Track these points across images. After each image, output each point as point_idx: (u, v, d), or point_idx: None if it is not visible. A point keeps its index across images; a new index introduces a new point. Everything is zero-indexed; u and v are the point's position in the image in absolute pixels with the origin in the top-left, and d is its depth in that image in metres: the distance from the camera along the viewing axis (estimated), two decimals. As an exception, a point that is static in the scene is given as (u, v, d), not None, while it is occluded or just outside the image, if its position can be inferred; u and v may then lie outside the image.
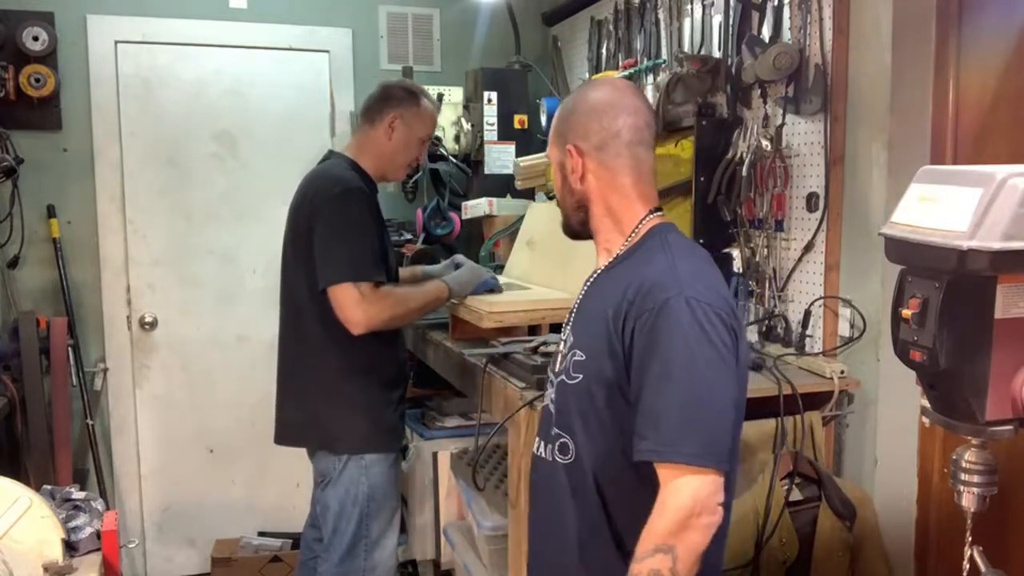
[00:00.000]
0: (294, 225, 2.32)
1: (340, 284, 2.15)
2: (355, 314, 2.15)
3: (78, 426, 3.33)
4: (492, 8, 3.69)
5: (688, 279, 1.28)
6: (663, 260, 1.32)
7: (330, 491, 2.32)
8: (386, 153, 2.37)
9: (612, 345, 1.30)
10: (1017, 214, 1.00)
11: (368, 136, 2.38)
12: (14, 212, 3.22)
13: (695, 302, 1.24)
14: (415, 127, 2.38)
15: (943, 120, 1.92)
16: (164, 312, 3.53)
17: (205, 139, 3.52)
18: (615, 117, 1.40)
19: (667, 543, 1.18)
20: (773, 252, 2.27)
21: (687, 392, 1.21)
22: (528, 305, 2.33)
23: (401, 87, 2.43)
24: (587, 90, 1.48)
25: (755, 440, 1.95)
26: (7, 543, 1.80)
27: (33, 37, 3.19)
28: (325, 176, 2.29)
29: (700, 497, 1.19)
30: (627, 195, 1.42)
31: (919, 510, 2.00)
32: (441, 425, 2.98)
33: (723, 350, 1.24)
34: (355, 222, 2.19)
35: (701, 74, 2.38)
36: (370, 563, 2.32)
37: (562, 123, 1.46)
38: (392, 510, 2.38)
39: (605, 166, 1.41)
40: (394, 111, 2.35)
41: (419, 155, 2.47)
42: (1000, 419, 1.10)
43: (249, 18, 3.51)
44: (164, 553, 3.60)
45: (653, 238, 1.39)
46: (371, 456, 2.31)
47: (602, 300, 1.36)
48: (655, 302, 1.25)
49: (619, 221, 1.42)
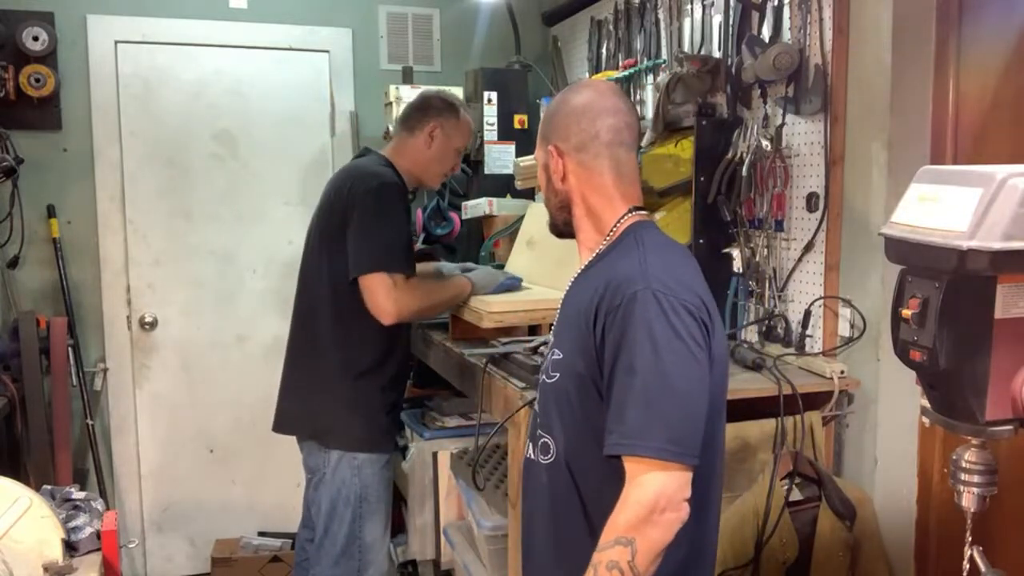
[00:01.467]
0: (326, 215, 2.33)
1: (374, 273, 2.17)
2: (387, 303, 2.18)
3: (78, 426, 3.34)
4: (492, 8, 3.69)
5: (656, 273, 1.29)
6: (634, 256, 1.34)
7: (322, 490, 2.33)
8: (423, 160, 2.41)
9: (585, 342, 1.31)
10: (1017, 214, 1.00)
11: (407, 143, 2.42)
12: (14, 212, 3.22)
13: (662, 295, 1.25)
14: (454, 138, 2.43)
15: (943, 120, 1.92)
16: (164, 312, 3.53)
17: (205, 139, 3.52)
18: (594, 119, 1.43)
19: (627, 536, 1.18)
20: (773, 252, 2.27)
21: (652, 385, 1.21)
22: (528, 305, 2.33)
23: (440, 98, 2.46)
24: (569, 93, 1.50)
25: (755, 440, 1.95)
26: (7, 543, 1.80)
27: (33, 37, 3.19)
28: (364, 170, 2.32)
29: (664, 493, 1.19)
30: (607, 194, 1.43)
31: (919, 510, 2.00)
32: (441, 425, 2.97)
33: (691, 343, 1.24)
34: (392, 215, 2.22)
35: (701, 74, 2.38)
36: (364, 565, 2.32)
37: (545, 125, 1.50)
38: (385, 513, 2.38)
39: (585, 166, 1.44)
40: (435, 121, 2.39)
41: (456, 164, 2.51)
42: (1000, 419, 1.10)
43: (249, 18, 3.51)
44: (164, 553, 3.60)
45: (628, 236, 1.40)
46: (363, 456, 2.31)
47: (578, 299, 1.38)
48: (623, 296, 1.27)
49: (599, 220, 1.44)
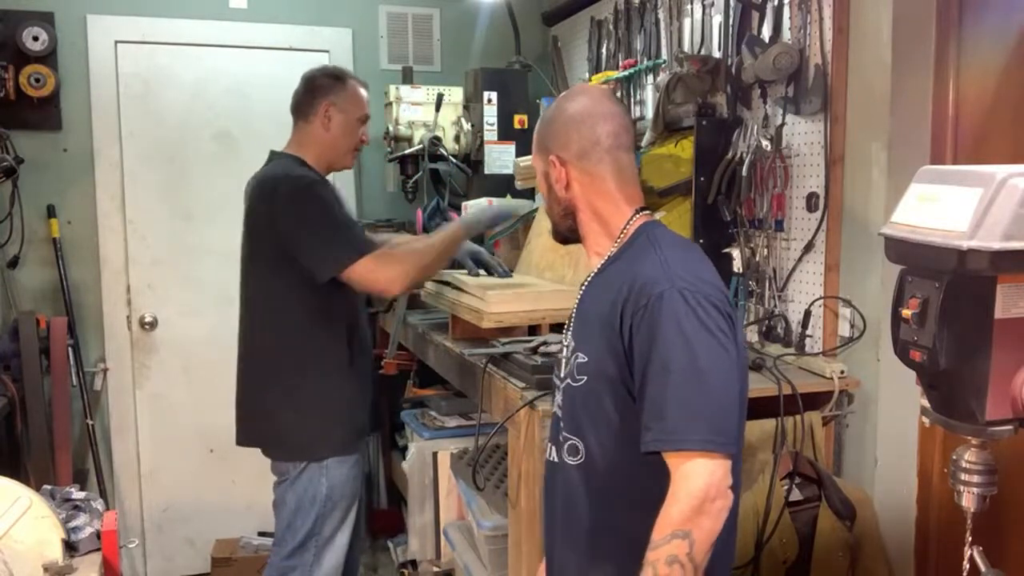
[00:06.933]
0: (252, 227, 2.30)
1: (353, 264, 2.14)
2: (389, 275, 2.16)
3: (78, 426, 3.34)
4: (492, 8, 3.69)
5: (679, 271, 1.30)
6: (653, 256, 1.35)
7: (289, 490, 2.30)
8: (327, 143, 2.35)
9: (612, 344, 1.32)
10: (1017, 214, 1.00)
11: (307, 132, 2.35)
12: (14, 212, 3.22)
13: (688, 292, 1.26)
14: (350, 110, 2.35)
15: (943, 120, 1.92)
16: (164, 312, 3.53)
17: (205, 139, 3.52)
18: (593, 125, 1.43)
19: (683, 528, 1.20)
20: (773, 252, 2.27)
21: (689, 380, 1.23)
22: (528, 305, 2.33)
23: (324, 74, 2.39)
24: (563, 101, 1.50)
25: (755, 440, 1.95)
26: (7, 543, 1.80)
27: (33, 37, 3.19)
28: (281, 178, 2.25)
29: (712, 481, 1.21)
30: (612, 198, 1.44)
31: (919, 510, 2.00)
32: (441, 425, 2.98)
33: (720, 336, 1.26)
34: (332, 210, 2.19)
35: (701, 74, 2.38)
36: (318, 560, 2.31)
37: (542, 135, 1.50)
38: (346, 509, 2.34)
39: (588, 173, 1.44)
40: (324, 100, 2.32)
41: (363, 136, 2.42)
42: (1000, 419, 1.10)
43: (249, 18, 3.51)
44: (164, 553, 3.60)
45: (641, 236, 1.41)
46: (331, 459, 2.28)
47: (598, 302, 1.39)
48: (649, 297, 1.28)
49: (607, 224, 1.45)
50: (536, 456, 1.88)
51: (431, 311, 2.86)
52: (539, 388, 1.94)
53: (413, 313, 2.96)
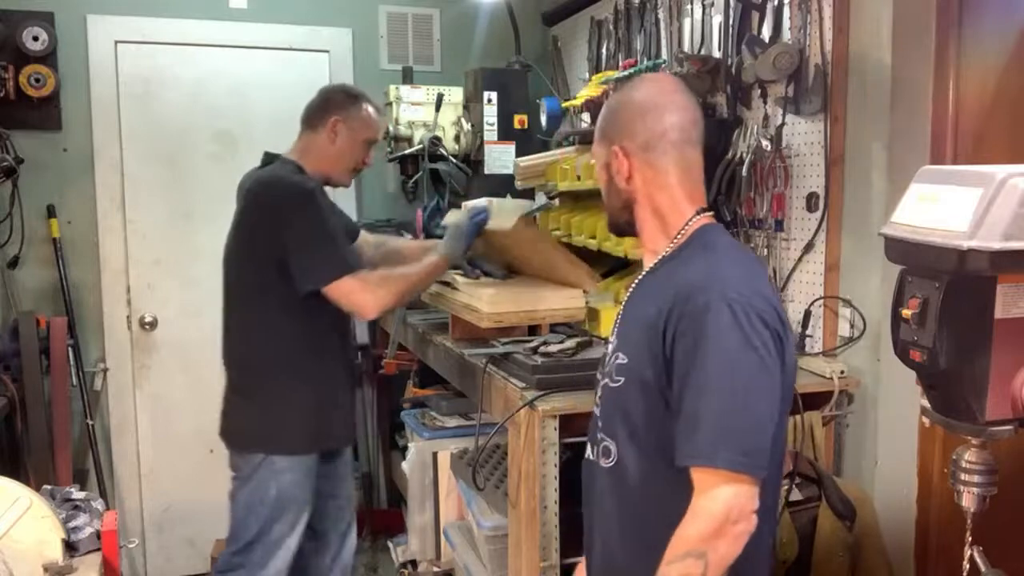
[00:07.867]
0: (242, 224, 2.32)
1: (341, 279, 2.17)
2: (366, 299, 2.18)
3: (78, 426, 3.33)
4: (492, 8, 3.69)
5: (730, 280, 1.25)
6: (705, 262, 1.30)
7: (241, 488, 2.34)
8: (330, 157, 2.37)
9: (653, 349, 1.28)
10: (1017, 214, 1.00)
11: (312, 142, 2.38)
12: (14, 212, 3.22)
13: (736, 304, 1.21)
14: (358, 129, 2.37)
15: (943, 120, 1.91)
16: (164, 312, 3.53)
17: (205, 139, 3.52)
18: (660, 116, 1.37)
19: (699, 549, 1.17)
20: (773, 252, 2.27)
21: (727, 398, 1.19)
22: (528, 305, 2.33)
23: (342, 91, 2.43)
24: (631, 89, 1.44)
25: (755, 440, 1.94)
26: (7, 543, 1.80)
27: (33, 37, 3.19)
28: (282, 181, 2.26)
29: (736, 504, 1.17)
30: (674, 195, 1.38)
31: (919, 510, 2.00)
32: (441, 425, 2.97)
33: (764, 353, 1.21)
34: (327, 222, 2.21)
35: (701, 74, 2.38)
36: (265, 560, 2.32)
37: (607, 123, 1.43)
38: (296, 513, 2.34)
39: (651, 166, 1.38)
40: (336, 115, 2.34)
41: (365, 159, 2.44)
42: (1000, 419, 1.10)
43: (249, 18, 3.51)
44: (164, 553, 3.60)
45: (698, 239, 1.36)
46: (283, 462, 2.29)
47: (645, 303, 1.34)
48: (695, 305, 1.23)
49: (665, 222, 1.39)
50: (536, 456, 1.88)
51: (431, 311, 2.86)
52: (539, 388, 1.94)
53: (413, 313, 2.96)
